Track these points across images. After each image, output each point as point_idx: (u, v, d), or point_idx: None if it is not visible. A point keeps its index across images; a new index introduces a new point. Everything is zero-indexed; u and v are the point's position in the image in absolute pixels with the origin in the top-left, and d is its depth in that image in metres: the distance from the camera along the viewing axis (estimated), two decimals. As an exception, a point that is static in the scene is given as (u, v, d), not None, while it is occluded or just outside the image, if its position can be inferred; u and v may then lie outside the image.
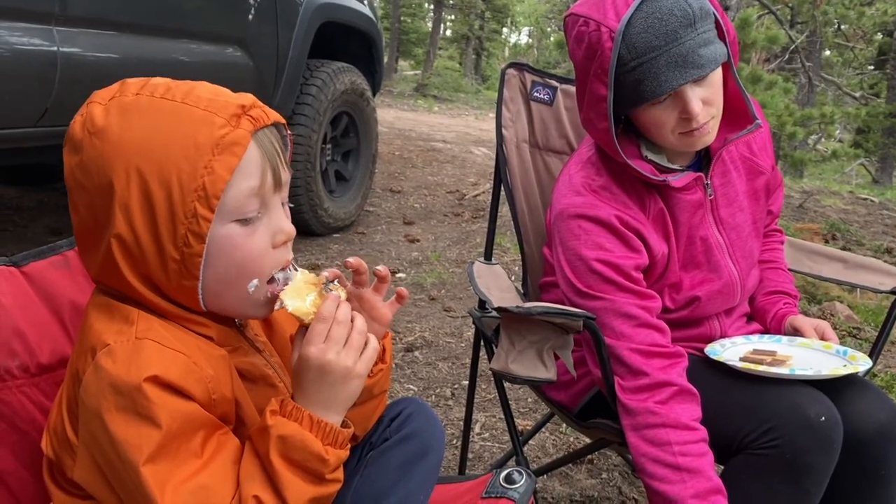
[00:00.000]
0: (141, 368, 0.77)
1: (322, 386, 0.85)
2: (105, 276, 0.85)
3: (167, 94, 0.82)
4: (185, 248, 0.80)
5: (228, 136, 0.80)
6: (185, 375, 0.80)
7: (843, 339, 3.18)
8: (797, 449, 1.22)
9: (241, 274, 0.85)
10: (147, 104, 0.81)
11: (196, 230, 0.80)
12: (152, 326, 0.83)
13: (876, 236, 5.53)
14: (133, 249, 0.81)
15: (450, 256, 4.08)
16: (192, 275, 0.82)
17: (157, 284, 0.83)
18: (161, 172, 0.79)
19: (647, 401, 1.28)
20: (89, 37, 2.50)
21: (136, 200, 0.79)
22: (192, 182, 0.79)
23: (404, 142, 8.09)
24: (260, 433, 0.83)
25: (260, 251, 0.86)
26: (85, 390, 0.79)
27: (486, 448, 2.23)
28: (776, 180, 1.59)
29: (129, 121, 0.80)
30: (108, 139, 0.80)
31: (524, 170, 1.77)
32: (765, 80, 5.11)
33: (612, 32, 1.22)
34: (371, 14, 4.32)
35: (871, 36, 13.12)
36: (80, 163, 0.81)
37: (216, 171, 0.79)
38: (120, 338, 0.80)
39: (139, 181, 0.79)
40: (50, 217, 3.93)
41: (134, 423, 0.76)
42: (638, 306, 1.33)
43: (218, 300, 0.86)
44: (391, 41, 20.44)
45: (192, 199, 0.79)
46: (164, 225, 0.80)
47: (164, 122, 0.80)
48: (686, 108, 1.27)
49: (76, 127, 0.82)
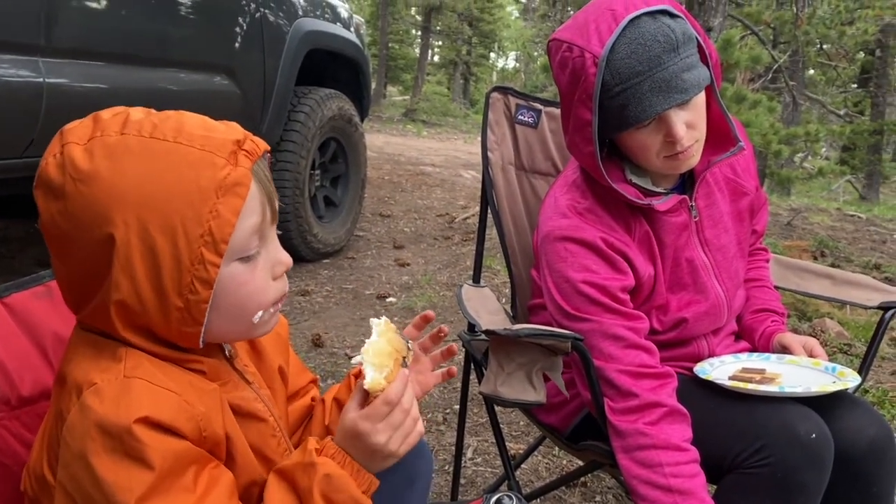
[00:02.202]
0: (130, 409, 0.75)
1: (363, 455, 0.87)
2: (95, 321, 0.82)
3: (155, 132, 0.78)
4: (191, 296, 0.78)
5: (230, 176, 0.77)
6: (175, 414, 0.78)
7: (834, 356, 3.18)
8: (788, 467, 1.21)
9: (245, 310, 0.85)
10: (137, 145, 0.77)
11: (203, 276, 0.77)
12: (141, 363, 0.80)
13: (864, 252, 5.56)
14: (132, 302, 0.77)
15: (440, 280, 4.07)
16: (196, 321, 0.80)
17: (155, 332, 0.81)
18: (164, 221, 0.75)
19: (637, 422, 1.28)
20: (76, 67, 2.50)
21: (138, 252, 0.75)
22: (197, 228, 0.76)
23: (393, 166, 8.11)
24: (304, 468, 0.84)
25: (262, 286, 0.85)
26: (69, 431, 0.76)
27: (479, 473, 2.21)
28: (760, 200, 1.60)
29: (120, 165, 0.75)
30: (100, 186, 0.75)
31: (510, 192, 1.78)
32: (749, 100, 5.16)
33: (596, 58, 1.23)
34: (358, 41, 4.36)
35: (853, 54, 13.31)
36: (64, 211, 0.76)
37: (222, 215, 0.77)
38: (107, 376, 0.78)
39: (140, 231, 0.75)
40: (37, 248, 3.91)
41: (124, 465, 0.74)
42: (625, 327, 1.33)
43: (222, 334, 0.86)
44: (379, 67, 20.59)
45: (199, 246, 0.76)
46: (169, 275, 0.76)
47: (160, 165, 0.76)
48: (670, 131, 1.28)
49: (51, 170, 0.77)
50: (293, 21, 3.67)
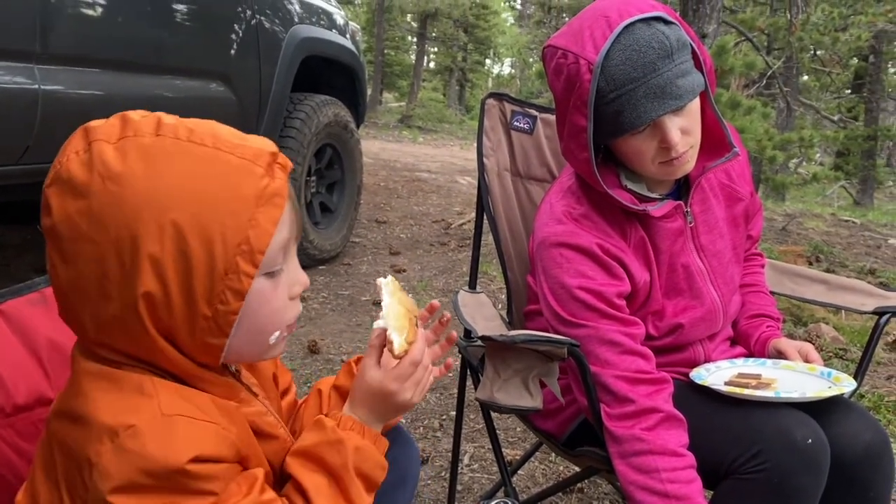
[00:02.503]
0: (179, 451, 0.73)
1: (385, 411, 0.93)
2: (111, 337, 0.77)
3: (193, 136, 0.75)
4: (221, 306, 0.75)
5: (269, 187, 0.76)
6: (218, 445, 0.77)
7: (830, 361, 3.19)
8: (785, 472, 1.21)
9: (266, 328, 0.83)
10: (174, 148, 0.74)
11: (236, 287, 0.75)
12: (172, 397, 0.77)
13: (859, 257, 5.59)
14: (160, 308, 0.74)
15: (436, 286, 4.07)
16: (222, 332, 0.78)
17: (176, 343, 0.78)
18: (202, 226, 0.72)
19: (634, 428, 1.28)
20: (71, 74, 2.50)
21: (170, 255, 0.72)
22: (235, 236, 0.74)
23: (389, 172, 8.12)
24: (332, 445, 0.86)
25: (282, 304, 0.84)
26: (104, 477, 0.72)
27: (476, 479, 2.21)
28: (755, 206, 1.60)
29: (156, 167, 0.73)
30: (132, 187, 0.72)
31: (506, 198, 1.78)
32: (744, 106, 5.17)
33: (591, 65, 1.24)
34: (353, 47, 4.36)
35: (846, 61, 13.36)
36: (86, 210, 0.72)
37: (261, 225, 0.75)
38: (144, 416, 0.74)
39: (175, 235, 0.72)
40: (33, 255, 3.90)
41: (174, 500, 0.74)
42: (622, 333, 1.33)
43: (239, 354, 0.84)
44: (375, 74, 20.63)
45: (235, 255, 0.74)
46: (201, 282, 0.74)
47: (200, 170, 0.74)
48: (665, 137, 1.28)
49: (73, 167, 0.73)
50: (289, 28, 3.68)
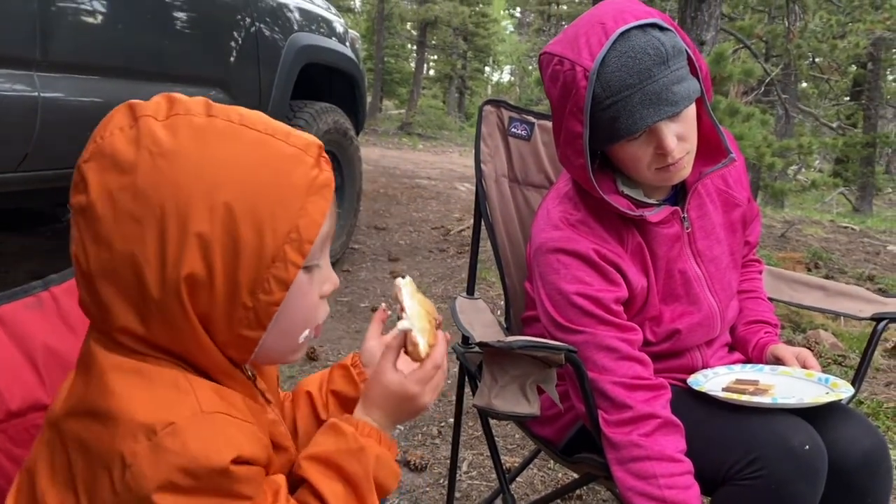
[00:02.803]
0: (222, 451, 0.70)
1: (402, 413, 0.90)
2: (148, 320, 0.72)
3: (244, 120, 0.74)
4: (263, 296, 0.73)
5: (319, 177, 0.75)
6: (254, 446, 0.75)
7: (829, 367, 3.19)
8: (782, 479, 1.21)
9: (299, 325, 0.81)
10: (227, 130, 0.72)
11: (282, 276, 0.73)
12: (209, 393, 0.74)
13: (857, 264, 5.58)
14: (203, 292, 0.71)
15: (435, 292, 4.07)
16: (261, 325, 0.75)
17: (212, 334, 0.74)
18: (253, 211, 0.70)
19: (632, 434, 1.27)
20: (71, 82, 2.50)
21: (219, 238, 0.69)
22: (285, 224, 0.72)
23: (389, 179, 8.13)
24: (353, 453, 0.84)
25: (315, 302, 0.82)
26: (138, 478, 0.69)
27: (474, 486, 2.20)
28: (752, 212, 1.61)
29: (209, 147, 0.70)
30: (183, 165, 0.69)
31: (504, 204, 1.78)
32: (742, 113, 5.19)
33: (587, 71, 1.24)
34: (353, 55, 4.37)
35: (845, 68, 13.40)
36: (130, 186, 0.69)
37: (311, 215, 0.73)
38: (184, 413, 0.71)
39: (225, 218, 0.69)
40: (32, 262, 3.90)
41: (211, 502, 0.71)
42: (619, 339, 1.33)
43: (268, 351, 0.80)
44: (375, 81, 20.67)
45: (284, 243, 0.72)
46: (246, 268, 0.71)
47: (253, 154, 0.72)
48: (661, 144, 1.28)
49: (120, 143, 0.71)
50: (289, 36, 3.69)
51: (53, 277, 1.01)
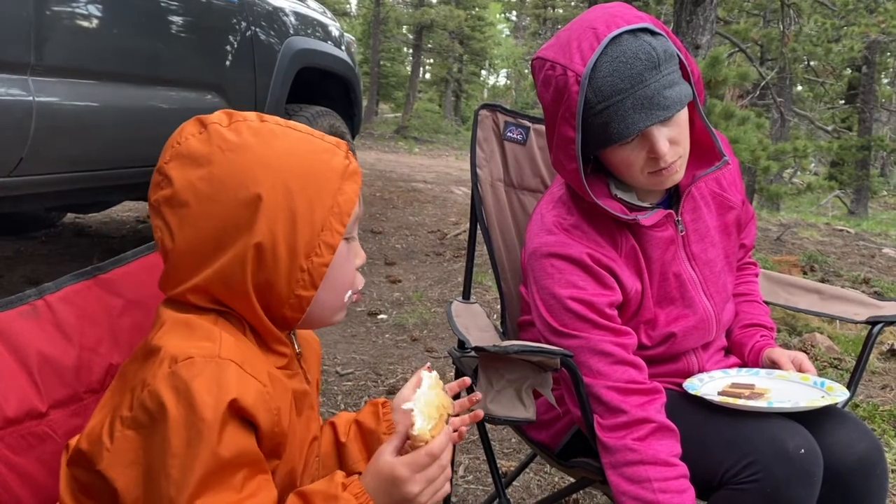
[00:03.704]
0: (222, 391, 0.80)
1: (389, 497, 0.90)
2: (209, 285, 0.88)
3: (289, 124, 0.93)
4: (316, 258, 0.88)
5: (350, 166, 0.93)
6: (257, 402, 0.83)
7: (824, 370, 3.19)
8: (778, 482, 1.21)
9: (343, 286, 0.97)
10: (278, 129, 0.91)
11: (329, 241, 0.89)
12: (233, 348, 0.85)
13: (853, 267, 5.60)
14: (268, 258, 0.86)
15: (431, 296, 4.07)
16: (314, 285, 0.90)
17: (271, 296, 0.89)
18: (306, 188, 0.87)
19: (626, 438, 1.27)
20: (66, 86, 2.50)
21: (282, 212, 0.86)
22: (329, 199, 0.89)
23: (385, 183, 8.13)
24: (326, 498, 0.87)
25: (353, 269, 0.98)
26: (153, 396, 0.80)
27: (471, 491, 2.20)
28: (747, 214, 1.61)
29: (266, 141, 0.88)
30: (248, 155, 0.86)
31: (500, 208, 1.78)
32: (738, 116, 5.19)
33: (579, 76, 1.24)
34: (348, 59, 4.38)
35: (840, 71, 13.46)
36: (208, 175, 0.85)
37: (346, 193, 0.91)
38: (203, 353, 0.83)
39: (286, 195, 0.86)
40: (27, 266, 3.89)
41: (195, 442, 0.78)
42: (613, 343, 1.33)
43: (318, 308, 0.94)
44: (371, 85, 20.69)
45: (329, 215, 0.89)
46: (302, 236, 0.87)
47: (300, 146, 0.90)
48: (653, 148, 1.28)
49: (193, 143, 0.88)
50: (284, 39, 3.69)
51: (49, 286, 1.01)
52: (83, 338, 1.00)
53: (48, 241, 4.44)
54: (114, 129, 2.72)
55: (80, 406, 0.98)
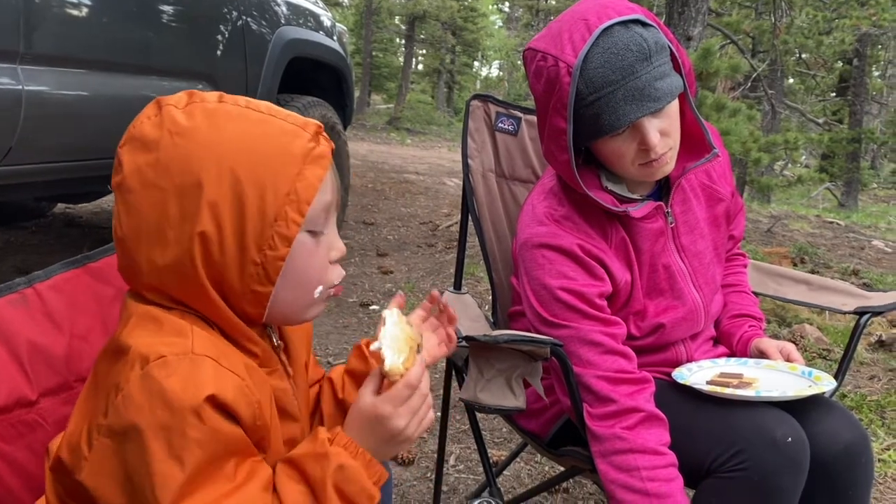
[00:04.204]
0: (198, 387, 0.77)
1: (380, 441, 0.88)
2: (163, 281, 0.83)
3: (250, 105, 0.86)
4: (269, 251, 0.82)
5: (316, 149, 0.85)
6: (237, 397, 0.80)
7: (813, 361, 3.22)
8: (765, 471, 1.22)
9: (309, 282, 0.89)
10: (234, 111, 0.84)
11: (284, 233, 0.82)
12: (206, 342, 0.82)
13: (843, 259, 5.63)
14: (214, 250, 0.81)
15: (423, 287, 4.07)
16: (269, 280, 0.84)
17: (227, 291, 0.84)
18: (255, 175, 0.81)
19: (615, 427, 1.28)
20: (56, 75, 2.49)
21: (227, 200, 0.80)
22: (285, 186, 0.82)
23: (377, 174, 8.12)
24: (316, 458, 0.84)
25: (323, 263, 0.90)
26: (127, 401, 0.77)
27: (461, 480, 2.21)
28: (736, 206, 1.62)
29: (218, 124, 0.82)
30: (197, 139, 0.81)
31: (491, 199, 1.78)
32: (729, 108, 5.20)
33: (570, 68, 1.24)
34: (340, 49, 4.36)
35: (831, 64, 13.49)
36: (155, 161, 0.81)
37: (308, 179, 0.83)
38: (175, 350, 0.79)
39: (232, 181, 0.80)
40: (17, 257, 3.88)
41: (177, 443, 0.75)
42: (603, 333, 1.33)
43: (283, 307, 0.88)
44: (363, 76, 20.61)
45: (284, 203, 0.82)
46: (252, 227, 0.81)
47: (256, 129, 0.83)
48: (644, 139, 1.29)
49: (146, 127, 0.83)
50: (275, 29, 3.67)
51: (38, 274, 1.01)
52: (73, 326, 1.00)
53: (38, 232, 4.42)
54: (104, 119, 2.70)
55: (71, 394, 0.97)
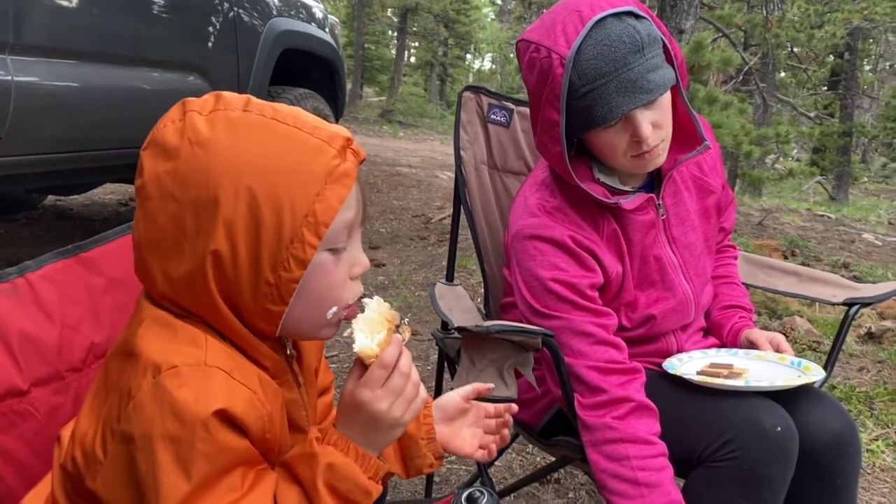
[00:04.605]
0: (209, 400, 0.76)
1: (368, 429, 0.86)
2: (177, 290, 0.81)
3: (276, 115, 0.82)
4: (284, 273, 0.79)
5: (340, 167, 0.81)
6: (247, 410, 0.79)
7: (804, 353, 3.24)
8: (754, 460, 1.23)
9: (324, 302, 0.86)
10: (258, 123, 0.80)
11: (300, 255, 0.79)
12: (220, 354, 0.80)
13: (833, 251, 5.66)
14: (227, 268, 0.78)
15: (416, 280, 4.08)
16: (282, 300, 0.81)
17: (240, 307, 0.82)
18: (273, 194, 0.77)
19: (606, 416, 1.29)
20: (46, 66, 2.47)
21: (243, 219, 0.77)
22: (303, 208, 0.78)
23: (370, 167, 8.10)
24: (305, 459, 0.83)
25: (342, 281, 0.87)
26: (138, 409, 0.76)
27: (453, 471, 2.22)
28: (727, 198, 1.62)
29: (239, 137, 0.79)
30: (216, 152, 0.78)
31: (483, 191, 1.79)
32: (721, 101, 5.21)
33: (563, 59, 1.24)
34: (332, 41, 4.35)
35: (822, 57, 13.52)
36: (173, 170, 0.78)
37: (328, 200, 0.80)
38: (188, 360, 0.78)
39: (249, 200, 0.77)
40: (7, 249, 3.86)
41: (185, 455, 0.75)
42: (594, 324, 1.34)
43: (296, 325, 0.86)
44: (356, 68, 20.55)
45: (301, 225, 0.78)
46: (267, 247, 0.78)
47: (278, 144, 0.79)
48: (636, 131, 1.29)
49: (168, 133, 0.80)
50: (267, 21, 3.66)
51: (29, 264, 1.00)
52: (65, 316, 0.99)
53: (29, 224, 4.39)
54: (94, 110, 2.69)
55: (62, 384, 0.97)
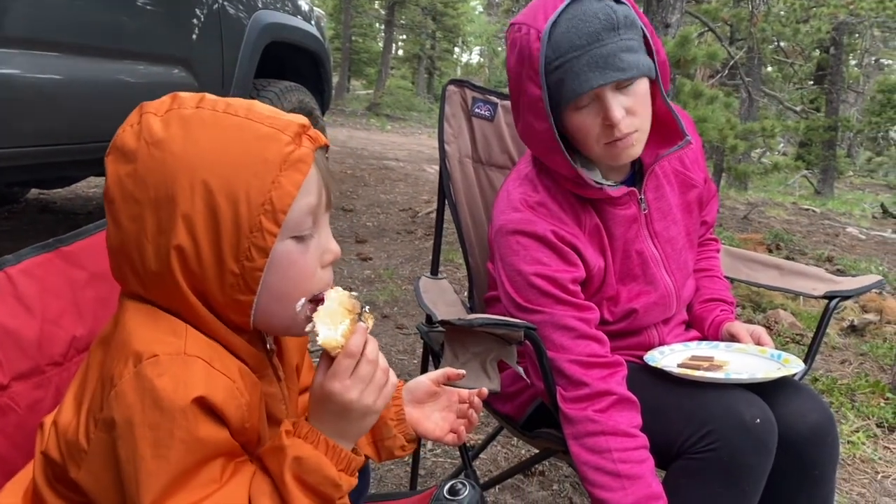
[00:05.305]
0: (188, 388, 0.77)
1: (339, 420, 0.86)
2: (149, 289, 0.83)
3: (228, 108, 0.83)
4: (247, 262, 0.80)
5: (294, 153, 0.81)
6: (227, 399, 0.80)
7: (787, 346, 3.27)
8: (734, 451, 1.25)
9: (293, 291, 0.86)
10: (210, 118, 0.81)
11: (260, 244, 0.80)
12: (200, 343, 0.81)
13: (818, 245, 5.71)
14: (192, 262, 0.80)
15: (402, 274, 4.08)
16: (249, 289, 0.82)
17: (209, 300, 0.83)
18: (228, 186, 0.79)
19: (587, 409, 1.30)
20: (27, 58, 2.45)
21: (201, 213, 0.78)
22: (259, 196, 0.79)
23: (356, 160, 8.09)
24: (274, 452, 0.83)
25: (311, 270, 0.87)
26: (119, 397, 0.77)
27: (438, 464, 2.23)
28: (709, 192, 1.64)
29: (192, 133, 0.80)
30: (170, 150, 0.79)
31: (468, 185, 1.79)
32: (706, 95, 5.24)
33: (540, 33, 1.27)
34: (318, 33, 4.33)
35: (808, 52, 13.60)
36: (132, 173, 0.80)
37: (283, 187, 0.80)
38: (169, 350, 0.79)
39: (204, 194, 0.78)
40: (-10, 243, 3.83)
41: (164, 442, 0.76)
42: (576, 318, 1.35)
43: (267, 317, 0.86)
44: (343, 61, 20.47)
45: (258, 214, 0.79)
46: (228, 239, 0.79)
47: (230, 136, 0.80)
48: (608, 114, 1.29)
49: (127, 136, 0.81)
50: (252, 13, 3.64)
51: (8, 258, 1.00)
52: (45, 310, 0.99)
53: (11, 218, 4.36)
54: (77, 103, 2.67)
55: (43, 378, 0.97)
